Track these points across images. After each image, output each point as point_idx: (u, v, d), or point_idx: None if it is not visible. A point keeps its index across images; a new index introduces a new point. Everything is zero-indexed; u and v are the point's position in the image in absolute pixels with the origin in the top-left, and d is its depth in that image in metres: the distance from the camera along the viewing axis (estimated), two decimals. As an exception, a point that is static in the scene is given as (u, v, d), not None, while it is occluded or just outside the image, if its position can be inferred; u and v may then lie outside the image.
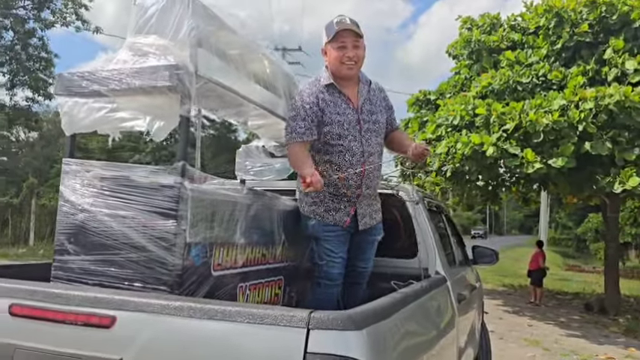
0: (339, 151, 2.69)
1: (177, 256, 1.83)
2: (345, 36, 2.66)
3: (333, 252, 2.70)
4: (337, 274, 2.71)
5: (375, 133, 2.80)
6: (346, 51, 2.67)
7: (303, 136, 2.63)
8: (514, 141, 8.42)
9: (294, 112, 2.65)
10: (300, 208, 2.78)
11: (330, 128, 2.67)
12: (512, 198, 17.77)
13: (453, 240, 4.13)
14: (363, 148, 2.73)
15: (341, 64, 2.68)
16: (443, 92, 11.77)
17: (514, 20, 11.29)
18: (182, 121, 1.88)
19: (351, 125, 2.71)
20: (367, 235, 2.84)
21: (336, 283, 2.73)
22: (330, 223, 2.71)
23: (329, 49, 2.72)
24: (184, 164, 1.87)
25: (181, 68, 1.84)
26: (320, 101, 2.67)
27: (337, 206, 2.73)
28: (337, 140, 2.68)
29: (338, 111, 2.70)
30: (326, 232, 2.71)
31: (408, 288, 2.26)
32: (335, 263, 2.70)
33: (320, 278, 2.72)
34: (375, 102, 2.85)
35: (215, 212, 2.02)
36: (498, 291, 14.14)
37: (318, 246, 2.71)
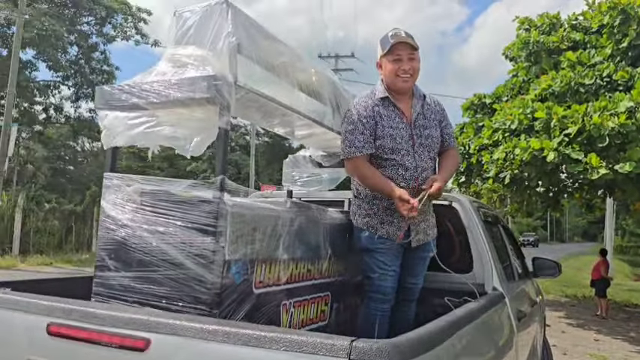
0: (392, 165, 2.64)
1: (216, 273, 1.76)
2: (401, 49, 2.63)
3: (386, 264, 2.64)
4: (390, 287, 2.65)
5: (428, 148, 2.73)
6: (402, 64, 2.63)
7: (362, 149, 2.61)
8: (577, 145, 7.98)
9: (352, 126, 2.62)
10: (353, 221, 2.75)
11: (383, 142, 2.63)
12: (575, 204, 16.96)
13: (511, 252, 3.90)
14: (416, 163, 2.66)
15: (396, 76, 2.65)
16: (499, 96, 11.36)
17: (575, 20, 10.77)
18: (220, 133, 1.81)
19: (404, 140, 2.66)
20: (420, 252, 2.74)
21: (389, 298, 2.66)
22: (383, 235, 2.66)
23: (384, 62, 2.70)
24: (223, 178, 1.80)
25: (219, 79, 1.78)
26: (375, 114, 2.65)
27: (391, 220, 2.67)
28: (390, 154, 2.64)
29: (392, 125, 2.66)
30: (379, 244, 2.65)
31: (463, 308, 2.09)
32: (388, 276, 2.64)
33: (372, 292, 2.66)
34: (429, 116, 2.78)
35: (256, 227, 1.94)
36: (561, 302, 13.46)
37: (371, 258, 2.66)
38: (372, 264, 2.64)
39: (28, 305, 1.64)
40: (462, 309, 2.08)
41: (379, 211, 2.67)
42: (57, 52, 19.88)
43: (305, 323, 2.36)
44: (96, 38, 21.89)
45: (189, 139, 1.83)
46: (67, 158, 38.76)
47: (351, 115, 2.66)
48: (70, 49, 20.99)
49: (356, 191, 2.78)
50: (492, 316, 2.45)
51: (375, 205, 2.68)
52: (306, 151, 3.23)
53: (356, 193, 2.78)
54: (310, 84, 2.43)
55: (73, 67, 21.29)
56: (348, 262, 2.73)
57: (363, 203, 2.71)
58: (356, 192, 2.78)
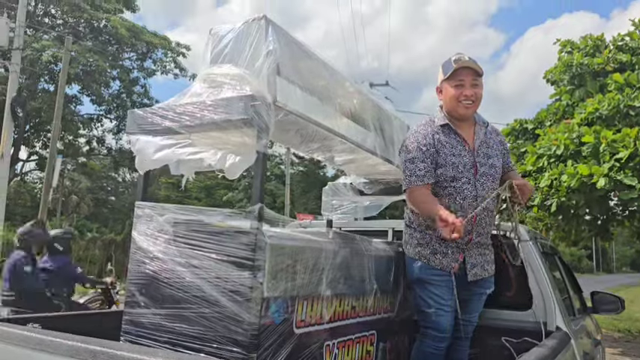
0: (449, 193, 2.49)
1: (254, 312, 1.58)
2: (464, 74, 2.51)
3: (442, 298, 2.44)
4: (447, 324, 2.44)
5: (492, 177, 2.56)
6: (464, 89, 2.51)
7: (424, 178, 2.47)
8: (629, 171, 7.57)
9: (412, 155, 2.51)
10: (405, 250, 2.59)
11: (444, 170, 2.49)
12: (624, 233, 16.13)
13: (569, 285, 3.60)
14: (477, 192, 2.49)
15: (458, 102, 2.52)
16: (542, 121, 11.01)
17: (621, 40, 10.40)
18: (259, 157, 1.66)
19: (466, 168, 2.51)
20: (476, 287, 2.52)
21: (446, 336, 2.45)
22: (436, 267, 2.47)
23: (445, 87, 2.57)
24: (262, 207, 1.64)
25: (258, 99, 1.64)
26: (436, 142, 2.51)
27: (444, 250, 2.49)
28: (450, 182, 2.49)
29: (453, 152, 2.52)
30: (434, 275, 2.47)
31: (531, 355, 1.85)
32: (444, 312, 2.44)
33: (427, 328, 2.47)
34: (492, 145, 2.64)
35: (297, 261, 1.77)
36: (614, 337, 12.67)
37: (425, 291, 2.48)
38: (427, 297, 2.46)
39: (52, 345, 1.51)
40: (531, 356, 1.83)
41: (432, 240, 2.52)
42: (100, 86, 20.54)
43: (350, 365, 2.15)
44: (137, 73, 22.57)
45: (224, 161, 1.68)
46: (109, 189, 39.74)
47: (410, 143, 2.54)
48: (112, 84, 21.67)
49: (408, 220, 2.63)
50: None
51: (428, 235, 2.53)
52: (347, 178, 3.06)
53: (408, 222, 2.64)
54: (352, 107, 2.28)
55: (115, 100, 21.94)
56: (394, 298, 2.52)
57: (415, 232, 2.57)
58: (408, 221, 2.63)
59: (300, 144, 2.28)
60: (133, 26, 20.97)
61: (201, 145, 1.75)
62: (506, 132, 11.67)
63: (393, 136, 2.75)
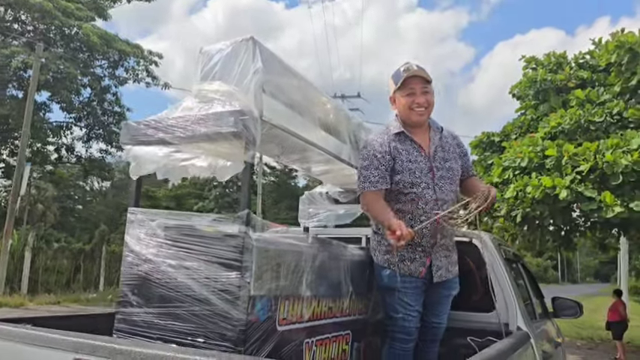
0: (411, 199, 2.59)
1: (242, 310, 1.72)
2: (413, 82, 2.62)
3: (409, 305, 2.56)
4: (414, 328, 2.58)
5: (449, 180, 2.68)
6: (415, 97, 2.62)
7: (376, 184, 2.56)
8: (589, 183, 7.94)
9: (367, 162, 2.59)
10: (374, 257, 2.68)
11: (402, 177, 2.59)
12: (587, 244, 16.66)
13: (531, 291, 3.83)
14: (437, 196, 2.61)
15: (410, 110, 2.63)
16: (508, 134, 11.41)
17: (582, 58, 10.91)
18: (246, 167, 1.82)
19: (424, 173, 2.62)
20: (442, 289, 2.67)
21: (413, 338, 2.59)
22: (405, 273, 2.58)
23: (397, 97, 2.68)
24: (249, 212, 1.79)
25: (246, 114, 1.79)
26: (392, 149, 2.61)
27: (412, 256, 2.60)
28: (410, 188, 2.59)
29: (410, 159, 2.62)
30: (402, 282, 2.57)
31: (492, 349, 2.03)
32: (412, 317, 2.57)
33: (395, 332, 2.59)
34: (448, 149, 2.75)
35: (280, 263, 1.92)
36: (577, 345, 13.09)
37: (393, 297, 2.57)
38: (395, 304, 2.56)
39: (54, 341, 1.61)
40: (492, 349, 2.01)
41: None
42: (70, 94, 20.27)
43: (327, 363, 2.30)
44: (108, 80, 22.36)
45: (214, 166, 1.83)
46: (77, 197, 38.99)
47: (366, 151, 2.62)
48: (83, 91, 21.41)
49: (375, 227, 2.72)
50: (521, 357, 2.38)
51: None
52: (323, 187, 3.22)
53: (375, 229, 2.73)
54: (329, 120, 2.45)
55: (86, 108, 21.67)
56: (368, 300, 2.68)
57: (383, 240, 2.64)
58: (375, 227, 2.72)
59: (281, 155, 2.44)
60: (105, 34, 20.80)
61: (192, 154, 1.89)
62: (474, 144, 12.03)
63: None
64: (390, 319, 2.61)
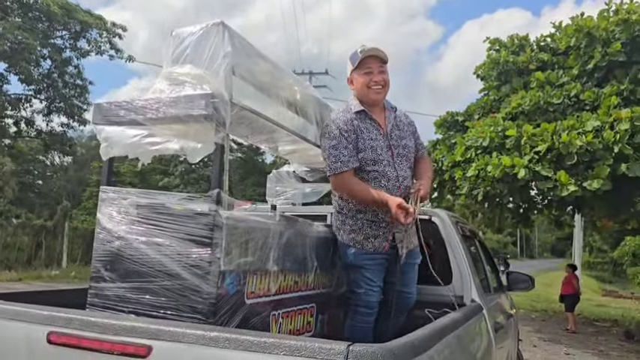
0: (374, 177, 2.69)
1: (212, 284, 1.82)
2: (370, 62, 2.71)
3: (372, 281, 2.70)
4: (376, 302, 2.72)
5: (406, 158, 2.81)
6: (372, 76, 2.71)
7: (348, 163, 2.63)
8: (546, 163, 8.26)
9: (335, 141, 2.64)
10: (338, 236, 2.78)
11: (365, 154, 2.68)
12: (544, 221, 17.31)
13: (486, 265, 4.04)
14: (397, 173, 2.73)
15: (368, 88, 2.72)
16: (471, 114, 11.68)
17: (543, 41, 11.19)
18: (217, 148, 1.89)
19: (384, 151, 2.72)
20: (406, 259, 2.81)
21: (375, 311, 2.73)
22: (369, 250, 2.70)
23: (355, 77, 2.76)
24: (219, 192, 1.88)
25: (216, 97, 1.86)
26: (355, 127, 2.69)
27: (376, 233, 2.72)
28: (372, 166, 2.68)
29: (371, 137, 2.71)
30: (366, 260, 2.70)
31: (446, 318, 2.19)
32: (374, 292, 2.71)
33: (358, 306, 2.71)
34: (403, 128, 2.87)
35: (249, 240, 2.01)
36: (532, 317, 13.72)
37: (358, 275, 2.71)
38: (359, 280, 2.69)
39: (28, 315, 1.68)
40: (446, 318, 2.17)
41: (364, 225, 2.71)
42: (29, 65, 19.58)
43: (292, 334, 2.42)
44: (70, 52, 21.66)
45: (186, 146, 1.90)
46: (37, 172, 37.95)
47: (331, 130, 2.66)
48: (43, 63, 20.70)
49: (338, 207, 2.79)
50: (473, 326, 2.56)
51: (360, 220, 2.71)
52: (290, 166, 3.31)
53: (338, 209, 2.79)
54: (296, 102, 2.53)
55: (46, 80, 20.98)
56: (332, 275, 2.80)
57: (346, 219, 2.73)
58: (338, 207, 2.79)
59: (250, 135, 2.51)
60: (66, 3, 20.05)
61: (162, 135, 1.95)
62: (439, 123, 12.27)
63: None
64: (353, 294, 2.73)
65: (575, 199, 8.73)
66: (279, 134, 2.45)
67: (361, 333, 2.67)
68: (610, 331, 11.86)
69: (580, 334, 11.02)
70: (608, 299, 21.51)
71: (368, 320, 2.71)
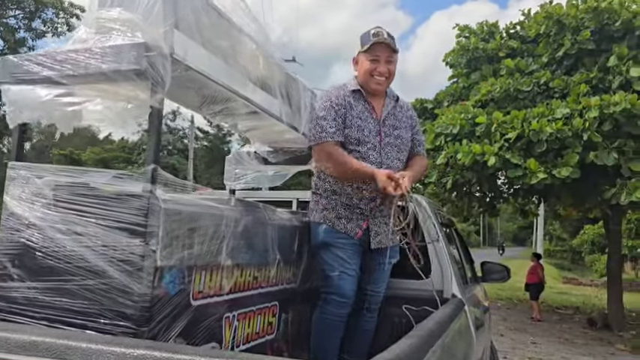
0: (355, 157, 2.49)
1: (145, 283, 1.45)
2: (380, 50, 2.55)
3: (346, 262, 2.45)
4: (350, 290, 2.44)
5: (397, 148, 2.61)
6: (378, 65, 2.55)
7: (334, 135, 2.50)
8: (516, 151, 8.13)
9: (324, 112, 2.54)
10: (311, 217, 2.61)
11: (350, 132, 2.52)
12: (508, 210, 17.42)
13: (463, 256, 3.78)
14: (382, 160, 2.53)
15: (370, 77, 2.57)
16: (440, 101, 11.51)
17: (513, 28, 11.06)
18: (153, 113, 1.51)
19: (372, 134, 2.55)
20: (380, 257, 2.55)
21: (348, 303, 2.44)
22: (340, 230, 2.49)
23: (361, 59, 2.61)
24: (155, 168, 1.50)
25: (152, 49, 1.48)
26: (346, 103, 2.55)
27: (349, 215, 2.53)
28: (355, 146, 2.51)
29: (360, 116, 2.55)
30: (339, 238, 2.49)
31: (430, 321, 1.88)
32: (348, 276, 2.44)
33: (329, 294, 2.44)
34: (401, 118, 2.69)
35: (195, 228, 1.64)
36: (497, 306, 13.76)
37: (329, 254, 2.47)
38: (331, 260, 2.46)
39: None
40: (430, 321, 1.86)
41: (337, 206, 2.55)
42: (-21, 45, 18.49)
43: (251, 338, 2.08)
44: (24, 33, 20.58)
45: (112, 114, 1.51)
46: (-10, 160, 36.29)
47: (323, 102, 2.57)
48: (-6, 43, 19.60)
49: (314, 186, 2.65)
50: (457, 327, 2.27)
51: (334, 200, 2.55)
52: (251, 146, 2.94)
53: (314, 189, 2.65)
54: (257, 69, 2.15)
55: (-3, 61, 19.86)
56: (297, 268, 2.47)
57: (320, 199, 2.59)
58: (314, 187, 2.65)
59: (201, 105, 2.11)
60: (18, -20, 19.03)
61: (85, 96, 1.55)
62: (408, 111, 12.06)
63: (300, 104, 2.66)
64: (325, 280, 2.49)
65: (542, 188, 8.66)
66: (236, 105, 2.06)
67: (331, 329, 2.39)
68: (573, 319, 11.97)
69: (545, 322, 11.06)
70: (569, 286, 21.95)
71: (341, 313, 2.42)
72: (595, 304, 14.22)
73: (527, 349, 8.29)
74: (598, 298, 15.38)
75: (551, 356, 7.90)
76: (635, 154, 7.85)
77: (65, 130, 1.63)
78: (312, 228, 2.58)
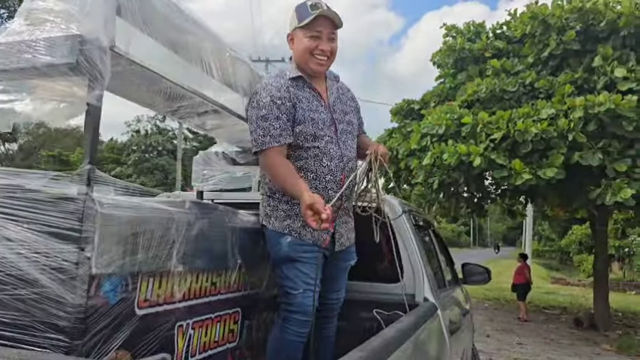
0: (314, 154, 2.25)
1: (80, 292, 1.35)
2: (322, 25, 2.23)
3: (310, 277, 2.20)
4: (312, 307, 2.20)
5: (351, 135, 2.40)
6: (320, 42, 2.25)
7: (279, 138, 2.18)
8: (501, 151, 8.09)
9: (265, 111, 2.18)
10: (268, 225, 2.28)
11: (304, 128, 2.23)
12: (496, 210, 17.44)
13: (441, 258, 3.70)
14: (342, 152, 2.31)
15: (311, 55, 2.26)
16: (427, 101, 11.44)
17: (499, 29, 11.04)
18: (90, 111, 1.41)
19: (326, 125, 2.29)
20: (341, 261, 2.40)
21: (310, 321, 2.20)
22: (308, 241, 2.23)
23: (298, 35, 2.27)
24: (92, 169, 1.40)
25: (88, 41, 1.38)
26: (292, 95, 2.23)
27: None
28: (312, 142, 2.24)
29: (311, 107, 2.27)
30: (304, 252, 2.22)
31: (392, 328, 1.80)
32: (312, 292, 2.20)
33: (290, 312, 2.20)
34: (346, 101, 2.46)
35: (139, 233, 1.54)
36: (485, 306, 13.74)
37: (293, 270, 2.20)
38: (295, 277, 2.19)
39: None
40: (392, 329, 1.77)
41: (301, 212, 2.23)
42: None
43: (209, 346, 1.99)
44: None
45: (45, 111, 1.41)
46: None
47: (261, 97, 2.21)
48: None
49: (269, 190, 2.34)
50: (425, 332, 2.18)
51: (297, 205, 2.23)
52: (219, 146, 2.85)
53: (269, 193, 2.34)
54: (216, 64, 2.05)
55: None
56: (263, 273, 2.37)
57: (280, 204, 2.29)
58: (269, 191, 2.34)
59: (155, 103, 2.02)
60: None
61: (16, 93, 1.45)
62: (395, 111, 12.00)
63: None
64: (286, 297, 2.23)
65: (528, 188, 8.63)
66: (193, 102, 1.97)
67: (292, 350, 2.19)
68: (560, 319, 11.97)
69: (532, 323, 11.04)
70: (556, 286, 22.01)
71: (302, 333, 2.19)
72: (582, 304, 14.24)
73: (512, 350, 8.25)
74: (585, 298, 15.39)
75: (536, 357, 7.87)
76: (619, 154, 7.84)
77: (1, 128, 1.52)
78: (272, 238, 2.27)
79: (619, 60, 8.47)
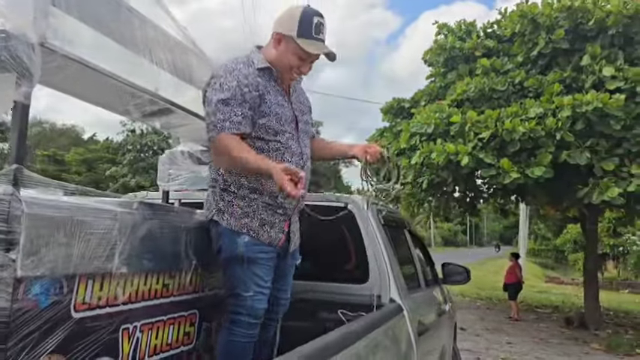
0: (276, 148, 2.19)
1: (4, 296, 1.30)
2: (315, 54, 2.23)
3: (263, 280, 2.15)
4: (263, 310, 2.16)
5: (308, 134, 2.40)
6: (303, 65, 2.24)
7: (239, 126, 2.09)
8: (490, 150, 8.07)
9: (228, 94, 2.08)
10: (222, 222, 2.17)
11: (267, 121, 2.17)
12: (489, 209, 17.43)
13: (417, 258, 3.66)
14: (301, 149, 2.30)
15: (289, 70, 2.24)
16: (417, 100, 11.40)
17: (490, 27, 11.00)
18: (17, 108, 1.37)
19: (288, 121, 2.26)
20: (291, 259, 2.36)
21: (259, 323, 2.17)
22: (264, 241, 2.17)
23: (289, 44, 2.19)
24: (19, 168, 1.36)
25: (13, 37, 1.33)
26: (260, 85, 2.17)
27: (272, 220, 2.20)
28: (274, 136, 2.19)
29: (277, 101, 2.23)
30: (260, 252, 2.15)
31: (346, 327, 1.76)
32: (263, 295, 2.15)
33: (240, 315, 2.12)
34: (303, 101, 2.45)
35: (74, 234, 1.50)
36: (477, 305, 13.73)
37: (247, 272, 2.12)
38: (247, 278, 2.11)
39: None
40: (346, 327, 1.74)
41: (259, 209, 2.18)
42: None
43: (160, 349, 1.94)
44: None
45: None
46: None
47: (225, 81, 2.10)
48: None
49: (223, 183, 2.20)
50: (386, 332, 2.15)
51: (254, 202, 2.17)
52: (185, 145, 2.81)
53: (223, 185, 2.20)
54: (168, 58, 2.00)
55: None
56: (218, 273, 2.31)
57: (236, 199, 2.17)
58: (223, 184, 2.20)
59: (114, 102, 1.97)
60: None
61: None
62: (385, 110, 11.95)
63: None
64: (235, 298, 2.14)
65: (517, 187, 8.61)
66: (142, 101, 1.92)
67: (241, 352, 2.14)
68: (551, 318, 11.96)
69: (522, 322, 11.02)
70: (550, 285, 22.04)
71: (251, 334, 2.15)
72: (574, 303, 14.25)
73: (501, 349, 8.23)
74: (577, 296, 15.40)
75: (525, 356, 7.85)
76: (607, 153, 7.84)
77: None
78: (226, 236, 2.16)
79: (607, 59, 8.46)
